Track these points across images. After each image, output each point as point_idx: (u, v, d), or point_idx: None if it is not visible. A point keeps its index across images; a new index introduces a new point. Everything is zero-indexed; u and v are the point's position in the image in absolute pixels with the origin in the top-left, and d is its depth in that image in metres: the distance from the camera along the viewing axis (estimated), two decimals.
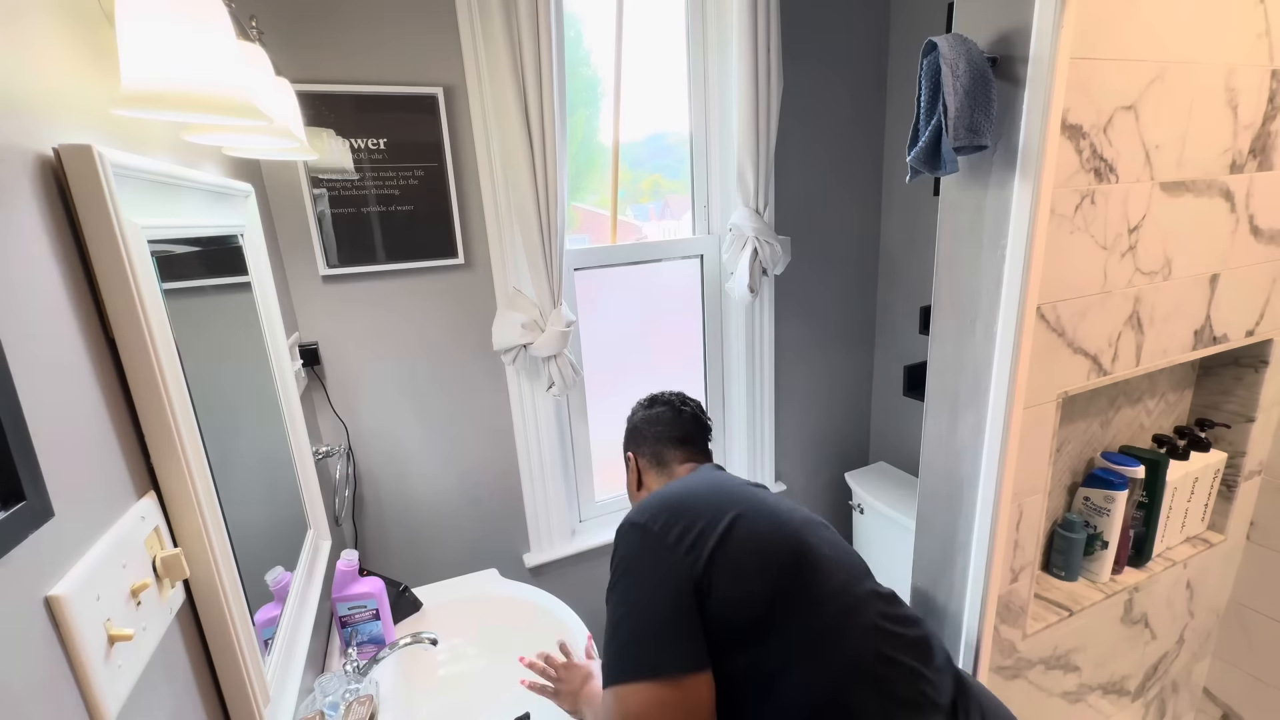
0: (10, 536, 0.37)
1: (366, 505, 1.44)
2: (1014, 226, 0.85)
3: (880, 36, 1.74)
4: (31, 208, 0.43)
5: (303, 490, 0.97)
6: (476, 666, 1.21)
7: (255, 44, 0.81)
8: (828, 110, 1.72)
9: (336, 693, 0.92)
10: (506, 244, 1.40)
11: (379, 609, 1.12)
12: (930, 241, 1.01)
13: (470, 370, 1.46)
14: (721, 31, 1.53)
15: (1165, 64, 0.87)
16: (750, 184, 1.53)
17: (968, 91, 0.77)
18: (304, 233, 1.25)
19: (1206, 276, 1.05)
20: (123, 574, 0.46)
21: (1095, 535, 1.17)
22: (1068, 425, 1.13)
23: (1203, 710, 1.51)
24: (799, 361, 1.88)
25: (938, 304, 0.99)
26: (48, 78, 0.47)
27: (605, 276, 1.63)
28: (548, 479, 1.58)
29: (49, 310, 0.43)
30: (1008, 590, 1.04)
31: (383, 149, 1.26)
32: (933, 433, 1.05)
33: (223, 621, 0.58)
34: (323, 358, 1.32)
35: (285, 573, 0.81)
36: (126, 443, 0.51)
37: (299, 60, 1.16)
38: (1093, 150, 0.85)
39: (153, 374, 0.50)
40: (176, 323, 0.55)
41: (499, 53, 1.21)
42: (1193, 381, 1.30)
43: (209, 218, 0.72)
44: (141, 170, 0.53)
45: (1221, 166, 0.99)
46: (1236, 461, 1.28)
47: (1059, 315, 0.91)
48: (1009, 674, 1.11)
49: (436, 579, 1.38)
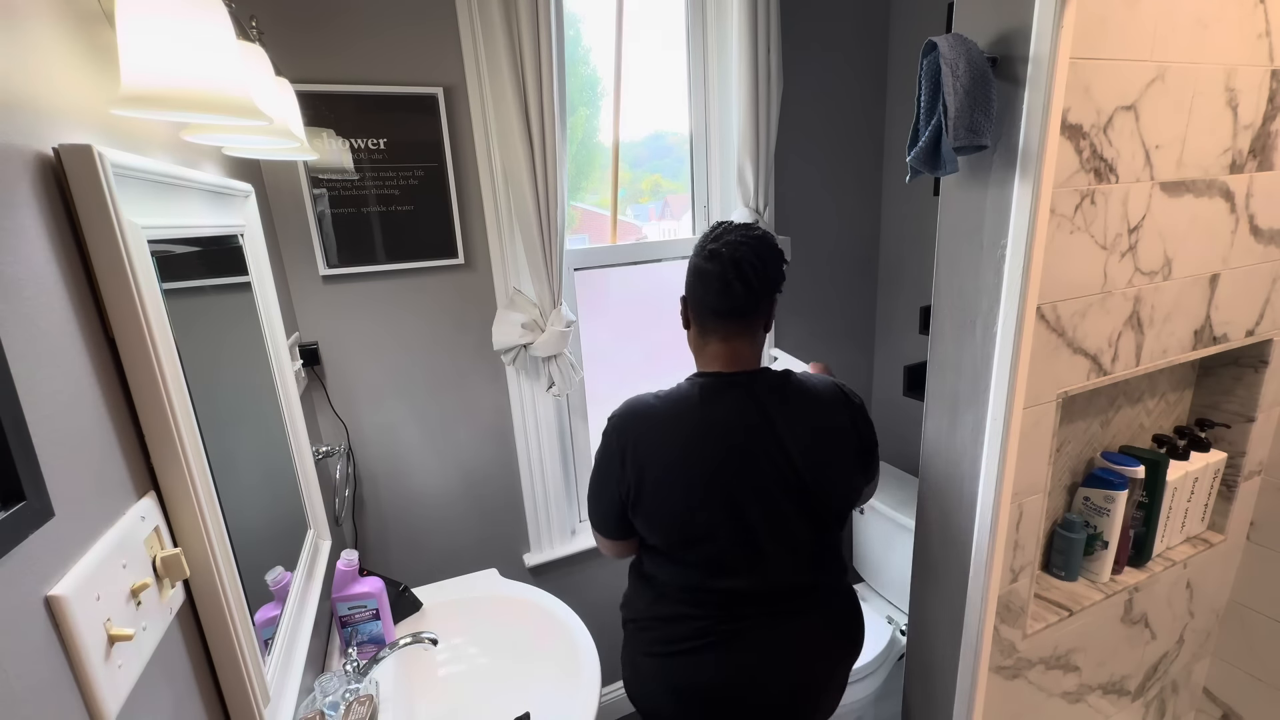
0: (10, 536, 0.37)
1: (366, 505, 1.44)
2: (1014, 226, 0.85)
3: (880, 36, 1.74)
4: (31, 208, 0.43)
5: (303, 490, 0.97)
6: (476, 666, 1.21)
7: (255, 44, 0.81)
8: (828, 110, 1.72)
9: (336, 693, 0.92)
10: (506, 244, 1.40)
11: (379, 609, 1.12)
12: (930, 241, 1.01)
13: (470, 370, 1.46)
14: (721, 31, 1.53)
15: (1165, 64, 0.87)
16: (750, 184, 1.53)
17: (968, 91, 0.77)
18: (304, 233, 1.25)
19: (1206, 276, 1.05)
20: (123, 574, 0.46)
21: (1095, 535, 1.17)
22: (1068, 425, 1.13)
23: (1203, 710, 1.51)
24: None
25: (938, 304, 0.99)
26: (48, 78, 0.47)
27: (605, 276, 1.63)
28: (548, 479, 1.58)
29: (49, 310, 0.43)
30: (1008, 590, 1.04)
31: (383, 149, 1.26)
32: (933, 433, 1.05)
33: (223, 621, 0.58)
34: (323, 358, 1.32)
35: (285, 573, 0.81)
36: (126, 443, 0.51)
37: (299, 60, 1.16)
38: (1093, 150, 0.85)
39: (153, 374, 0.50)
40: (176, 323, 0.55)
41: (499, 53, 1.21)
42: (1193, 381, 1.30)
43: (209, 218, 0.72)
44: (141, 170, 0.53)
45: (1221, 166, 0.99)
46: (1236, 461, 1.28)
47: (1059, 315, 0.91)
48: (1009, 674, 1.11)
49: (436, 579, 1.38)
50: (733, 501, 0.92)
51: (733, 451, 0.91)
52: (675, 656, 0.97)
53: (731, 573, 0.94)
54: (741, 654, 0.96)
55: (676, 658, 0.97)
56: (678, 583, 0.97)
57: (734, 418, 0.92)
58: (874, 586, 1.90)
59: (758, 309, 0.93)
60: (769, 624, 0.96)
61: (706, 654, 0.96)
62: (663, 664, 0.99)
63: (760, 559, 0.94)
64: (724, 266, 0.89)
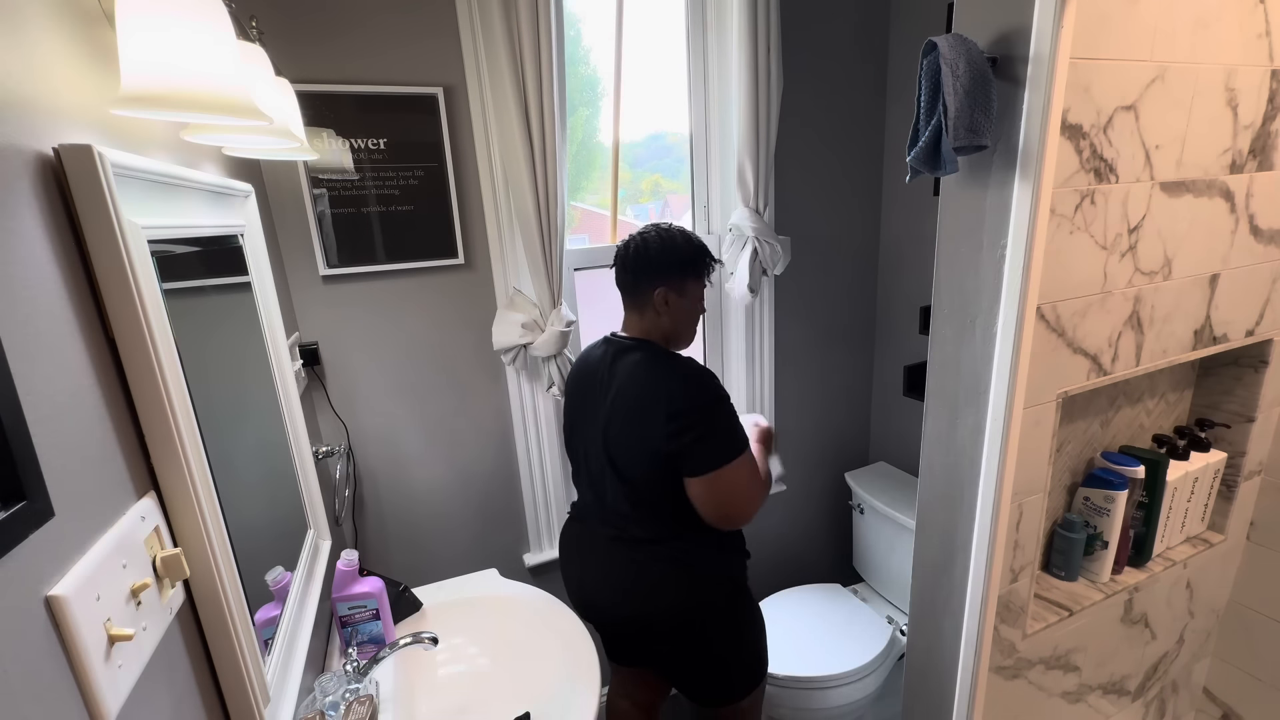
0: (10, 536, 0.37)
1: (366, 505, 1.44)
2: (1014, 226, 0.85)
3: (880, 36, 1.74)
4: (32, 208, 0.43)
5: (303, 490, 0.97)
6: (476, 666, 1.21)
7: (255, 44, 0.81)
8: (828, 110, 1.72)
9: (336, 693, 0.92)
10: (506, 244, 1.40)
11: (379, 609, 1.12)
12: (930, 241, 1.01)
13: (470, 370, 1.46)
14: (721, 31, 1.53)
15: (1165, 64, 0.87)
16: (750, 184, 1.53)
17: (968, 91, 0.77)
18: (304, 233, 1.25)
19: (1206, 276, 1.05)
20: (123, 574, 0.46)
21: (1095, 535, 1.17)
22: (1068, 425, 1.13)
23: (1203, 710, 1.51)
24: (799, 361, 1.88)
25: (938, 304, 0.99)
26: (48, 78, 0.47)
27: (605, 276, 1.62)
28: (548, 479, 1.58)
29: (49, 310, 0.43)
30: (1008, 590, 1.04)
31: (383, 149, 1.26)
32: (933, 433, 1.05)
33: (223, 621, 0.58)
34: (323, 358, 1.32)
35: (285, 573, 0.81)
36: (126, 443, 0.51)
37: (299, 60, 1.16)
38: (1093, 150, 0.85)
39: (153, 374, 0.50)
40: (176, 323, 0.55)
41: (499, 53, 1.21)
42: (1193, 381, 1.30)
43: (209, 218, 0.72)
44: (141, 170, 0.53)
45: (1221, 166, 0.99)
46: (1236, 461, 1.28)
47: (1059, 315, 0.91)
48: (1009, 674, 1.11)
49: (436, 579, 1.38)
50: (578, 443, 1.20)
51: (585, 399, 1.16)
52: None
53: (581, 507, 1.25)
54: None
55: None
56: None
57: (592, 372, 1.16)
58: (874, 586, 1.90)
59: (638, 287, 1.12)
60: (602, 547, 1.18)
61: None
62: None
63: (590, 500, 1.20)
64: (619, 249, 1.14)
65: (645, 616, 1.13)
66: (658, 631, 1.14)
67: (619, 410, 1.08)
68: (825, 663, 1.56)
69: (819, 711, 1.57)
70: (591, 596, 1.20)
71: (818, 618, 1.73)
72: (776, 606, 1.77)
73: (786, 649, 1.60)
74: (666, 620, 1.12)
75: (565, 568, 1.27)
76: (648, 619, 1.13)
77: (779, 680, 1.53)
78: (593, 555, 1.19)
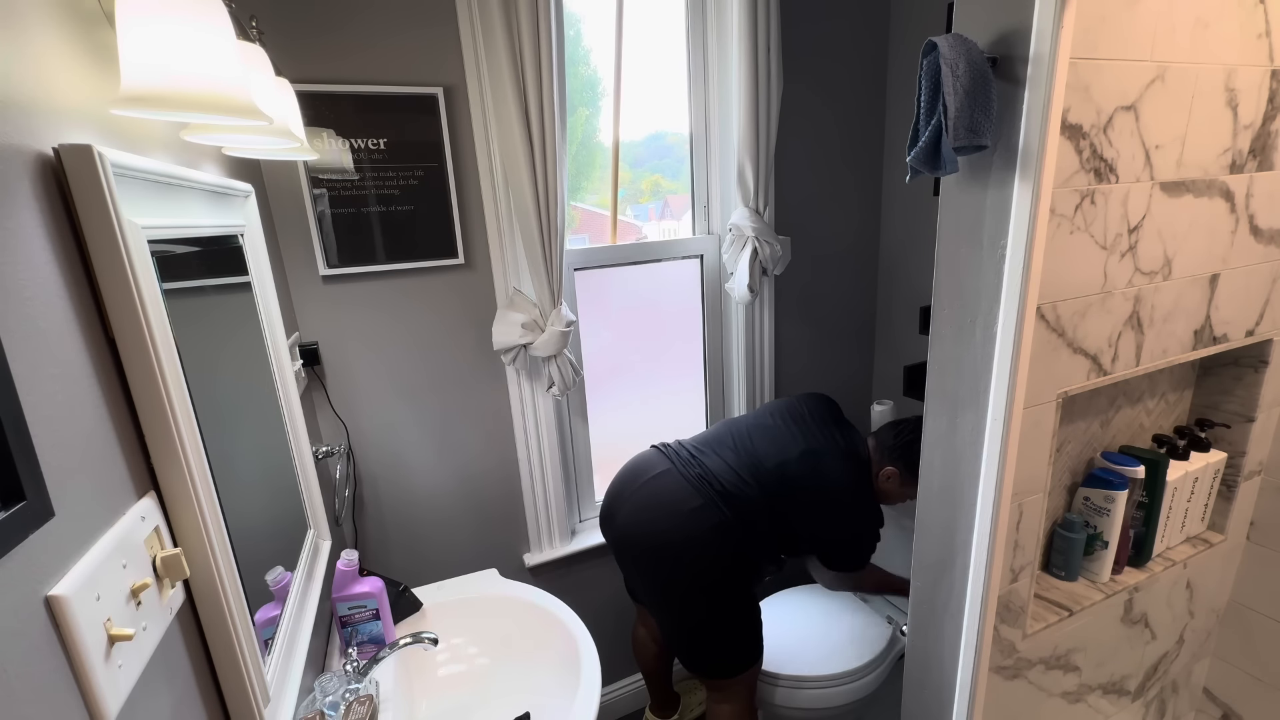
0: (10, 536, 0.37)
1: (366, 505, 1.44)
2: (1014, 226, 0.85)
3: (880, 36, 1.74)
4: (31, 208, 0.43)
5: (303, 490, 0.97)
6: (476, 666, 1.21)
7: (255, 44, 0.81)
8: (828, 110, 1.72)
9: (336, 693, 0.92)
10: (506, 244, 1.40)
11: (379, 609, 1.12)
12: (930, 241, 1.01)
13: (470, 370, 1.46)
14: (721, 31, 1.53)
15: (1165, 64, 0.87)
16: (750, 184, 1.53)
17: (968, 91, 0.77)
18: (304, 233, 1.25)
19: (1206, 276, 1.05)
20: (123, 574, 0.46)
21: (1095, 535, 1.17)
22: (1068, 425, 1.13)
23: (1203, 710, 1.51)
24: (799, 361, 1.88)
25: (938, 304, 0.99)
26: (48, 78, 0.47)
27: (605, 276, 1.63)
28: (548, 479, 1.58)
29: (49, 310, 0.43)
30: (1008, 590, 1.04)
31: (383, 149, 1.26)
32: (933, 433, 1.04)
33: (223, 621, 0.58)
34: (323, 358, 1.32)
35: (285, 573, 0.81)
36: (126, 443, 0.51)
37: (299, 60, 1.16)
38: (1093, 150, 0.85)
39: (153, 374, 0.50)
40: (176, 323, 0.55)
41: (499, 53, 1.20)
42: (1193, 381, 1.30)
43: (209, 218, 0.72)
44: (141, 170, 0.53)
45: (1221, 166, 0.99)
46: (1236, 461, 1.28)
47: (1059, 315, 0.91)
48: (1009, 674, 1.11)
49: (436, 579, 1.38)
50: (765, 416, 1.52)
51: (793, 418, 1.48)
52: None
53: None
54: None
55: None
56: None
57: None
58: None
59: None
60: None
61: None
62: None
63: (711, 458, 1.40)
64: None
65: (662, 534, 1.28)
66: (663, 556, 1.29)
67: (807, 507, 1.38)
68: (825, 662, 1.56)
69: (819, 711, 1.57)
70: (628, 503, 1.35)
71: (818, 617, 1.73)
72: (777, 606, 1.77)
73: (786, 649, 1.59)
74: (677, 547, 1.27)
75: (621, 479, 1.42)
76: (664, 536, 1.28)
77: (779, 680, 1.53)
78: (664, 479, 1.33)
